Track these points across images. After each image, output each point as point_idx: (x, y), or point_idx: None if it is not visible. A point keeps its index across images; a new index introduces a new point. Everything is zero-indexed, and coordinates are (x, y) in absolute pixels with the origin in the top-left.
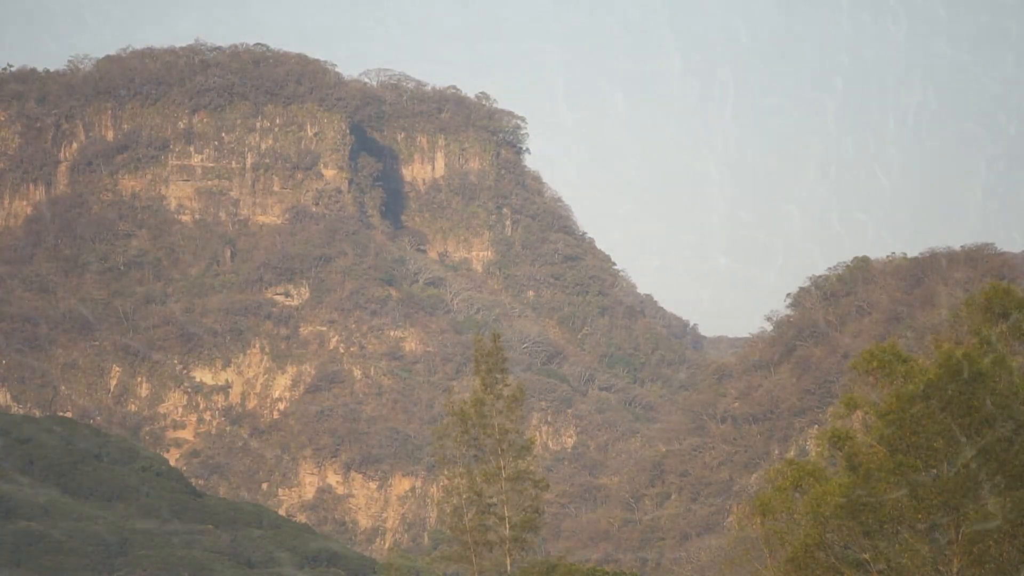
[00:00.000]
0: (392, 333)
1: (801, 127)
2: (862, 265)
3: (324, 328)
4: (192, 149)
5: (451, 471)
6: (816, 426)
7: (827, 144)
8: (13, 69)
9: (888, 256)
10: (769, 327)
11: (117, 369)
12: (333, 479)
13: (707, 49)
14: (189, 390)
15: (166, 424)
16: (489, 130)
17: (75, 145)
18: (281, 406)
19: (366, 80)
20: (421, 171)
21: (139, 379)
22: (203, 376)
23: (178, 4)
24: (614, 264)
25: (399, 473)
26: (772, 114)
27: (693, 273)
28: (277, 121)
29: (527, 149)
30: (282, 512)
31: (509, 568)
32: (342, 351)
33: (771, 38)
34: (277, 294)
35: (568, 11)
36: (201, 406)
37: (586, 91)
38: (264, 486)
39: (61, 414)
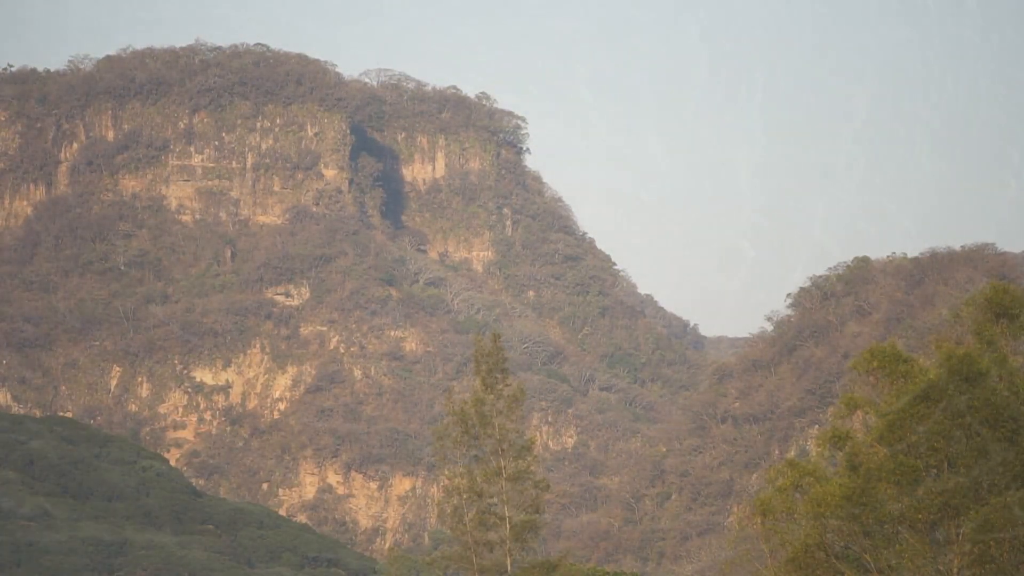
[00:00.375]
0: (392, 333)
1: (824, 123)
2: (862, 265)
3: (324, 328)
4: (192, 149)
5: (451, 471)
6: (816, 426)
7: (853, 139)
8: (13, 69)
9: (888, 256)
10: (769, 327)
11: (117, 369)
12: (333, 479)
13: (729, 42)
14: (189, 390)
15: (166, 424)
16: (489, 130)
17: (75, 145)
18: (281, 406)
19: (366, 80)
20: (421, 171)
21: (139, 379)
22: (203, 376)
23: (178, 4)
24: (614, 264)
25: (399, 473)
26: (793, 110)
27: (714, 269)
28: (277, 121)
29: (527, 149)
30: (282, 512)
31: (509, 568)
32: (342, 351)
33: (763, 36)
34: (277, 294)
35: (575, 7)
36: (201, 406)
37: (588, 90)
38: (264, 486)
39: (61, 414)
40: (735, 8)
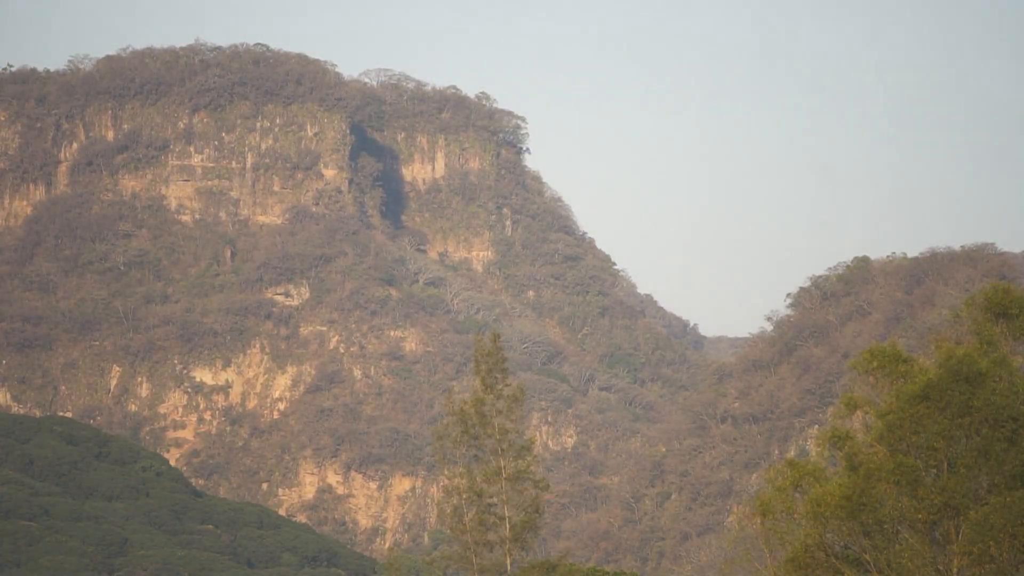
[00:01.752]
0: (392, 333)
1: (824, 123)
2: (862, 265)
3: (324, 328)
4: (192, 149)
5: (451, 471)
6: (816, 426)
7: (853, 139)
8: (13, 69)
9: (888, 256)
10: (769, 327)
11: (117, 369)
12: (333, 479)
13: (728, 42)
14: (189, 390)
15: (166, 424)
16: (489, 130)
17: (75, 145)
18: (281, 406)
19: (366, 80)
20: (421, 171)
21: (139, 379)
22: (203, 376)
23: (178, 4)
24: (614, 264)
25: (399, 473)
26: (792, 111)
27: (714, 269)
28: (277, 121)
29: (527, 149)
30: (282, 512)
31: (509, 568)
32: (342, 351)
33: (763, 37)
34: (277, 294)
35: (575, 8)
36: (201, 406)
37: (588, 90)
38: (264, 486)
39: (61, 414)
40: (734, 8)
